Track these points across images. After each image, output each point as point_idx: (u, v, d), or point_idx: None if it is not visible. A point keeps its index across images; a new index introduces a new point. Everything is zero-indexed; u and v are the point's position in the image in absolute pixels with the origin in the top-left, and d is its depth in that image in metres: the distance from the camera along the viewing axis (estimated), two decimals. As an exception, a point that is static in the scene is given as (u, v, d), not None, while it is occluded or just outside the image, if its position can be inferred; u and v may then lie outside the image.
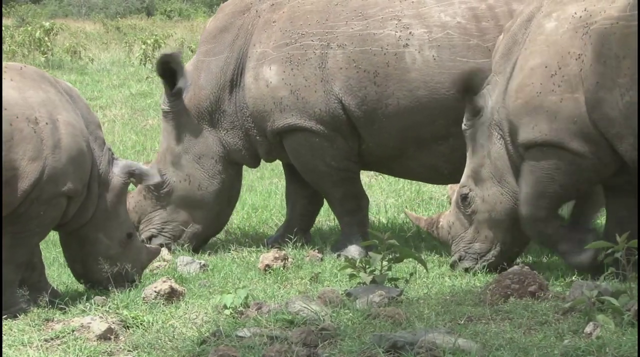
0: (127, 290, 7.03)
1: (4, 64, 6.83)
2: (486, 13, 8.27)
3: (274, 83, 8.45)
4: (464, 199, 7.81)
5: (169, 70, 8.76)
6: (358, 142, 8.51)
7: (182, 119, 8.82)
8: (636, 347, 5.24)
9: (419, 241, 9.04)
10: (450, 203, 8.13)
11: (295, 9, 8.61)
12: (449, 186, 8.25)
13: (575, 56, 7.06)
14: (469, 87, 7.67)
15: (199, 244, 8.95)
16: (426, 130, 8.33)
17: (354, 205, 8.66)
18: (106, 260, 7.08)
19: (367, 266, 6.99)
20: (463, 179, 7.86)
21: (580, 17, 7.10)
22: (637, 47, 6.81)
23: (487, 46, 8.15)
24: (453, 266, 7.89)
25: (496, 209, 7.64)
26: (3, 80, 6.61)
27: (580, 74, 7.03)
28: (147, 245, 7.84)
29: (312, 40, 8.42)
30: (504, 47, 7.64)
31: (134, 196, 8.85)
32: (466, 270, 7.75)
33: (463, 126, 7.80)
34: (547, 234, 7.43)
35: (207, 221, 8.88)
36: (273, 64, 8.47)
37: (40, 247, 7.14)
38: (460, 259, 7.85)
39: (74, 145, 6.75)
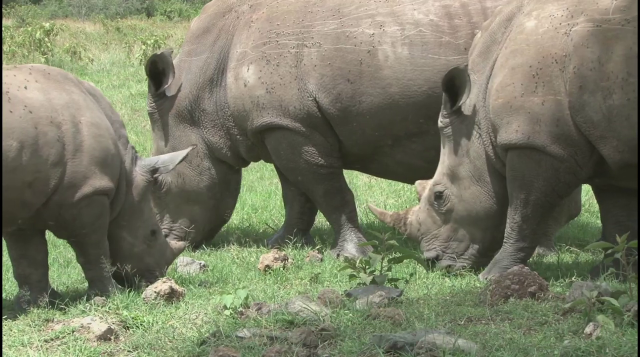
0: (127, 290, 7.03)
1: (29, 65, 6.93)
2: (459, 10, 8.29)
3: (251, 82, 8.52)
4: (438, 197, 7.74)
5: (156, 71, 8.82)
6: (337, 138, 8.53)
7: (166, 118, 8.93)
8: (636, 348, 5.24)
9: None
10: (419, 199, 8.05)
11: (273, 10, 8.68)
12: (418, 181, 8.20)
13: (557, 57, 7.03)
14: (453, 84, 7.58)
15: (206, 238, 9.10)
16: (399, 127, 8.36)
17: (338, 201, 8.68)
18: (131, 257, 7.14)
19: (367, 267, 6.99)
20: (437, 176, 7.77)
21: (561, 17, 7.07)
22: (637, 48, 6.79)
23: (459, 43, 8.18)
24: (427, 262, 7.77)
25: (475, 208, 7.60)
26: (28, 82, 6.70)
27: (562, 76, 7.01)
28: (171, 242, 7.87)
29: (288, 40, 8.48)
30: (482, 45, 7.59)
31: None
32: (447, 268, 7.70)
33: (439, 124, 7.76)
34: (521, 246, 7.40)
35: (206, 215, 9.01)
36: (251, 64, 8.54)
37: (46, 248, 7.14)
38: (438, 258, 7.81)
39: (96, 145, 6.81)
